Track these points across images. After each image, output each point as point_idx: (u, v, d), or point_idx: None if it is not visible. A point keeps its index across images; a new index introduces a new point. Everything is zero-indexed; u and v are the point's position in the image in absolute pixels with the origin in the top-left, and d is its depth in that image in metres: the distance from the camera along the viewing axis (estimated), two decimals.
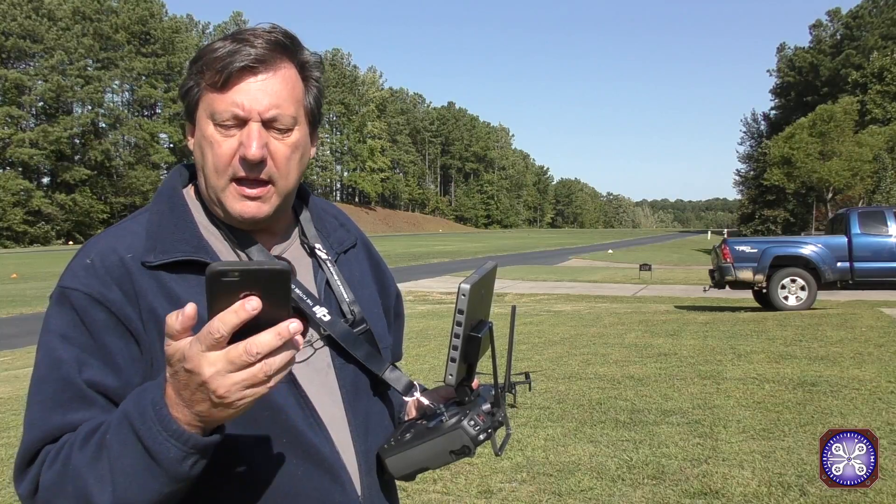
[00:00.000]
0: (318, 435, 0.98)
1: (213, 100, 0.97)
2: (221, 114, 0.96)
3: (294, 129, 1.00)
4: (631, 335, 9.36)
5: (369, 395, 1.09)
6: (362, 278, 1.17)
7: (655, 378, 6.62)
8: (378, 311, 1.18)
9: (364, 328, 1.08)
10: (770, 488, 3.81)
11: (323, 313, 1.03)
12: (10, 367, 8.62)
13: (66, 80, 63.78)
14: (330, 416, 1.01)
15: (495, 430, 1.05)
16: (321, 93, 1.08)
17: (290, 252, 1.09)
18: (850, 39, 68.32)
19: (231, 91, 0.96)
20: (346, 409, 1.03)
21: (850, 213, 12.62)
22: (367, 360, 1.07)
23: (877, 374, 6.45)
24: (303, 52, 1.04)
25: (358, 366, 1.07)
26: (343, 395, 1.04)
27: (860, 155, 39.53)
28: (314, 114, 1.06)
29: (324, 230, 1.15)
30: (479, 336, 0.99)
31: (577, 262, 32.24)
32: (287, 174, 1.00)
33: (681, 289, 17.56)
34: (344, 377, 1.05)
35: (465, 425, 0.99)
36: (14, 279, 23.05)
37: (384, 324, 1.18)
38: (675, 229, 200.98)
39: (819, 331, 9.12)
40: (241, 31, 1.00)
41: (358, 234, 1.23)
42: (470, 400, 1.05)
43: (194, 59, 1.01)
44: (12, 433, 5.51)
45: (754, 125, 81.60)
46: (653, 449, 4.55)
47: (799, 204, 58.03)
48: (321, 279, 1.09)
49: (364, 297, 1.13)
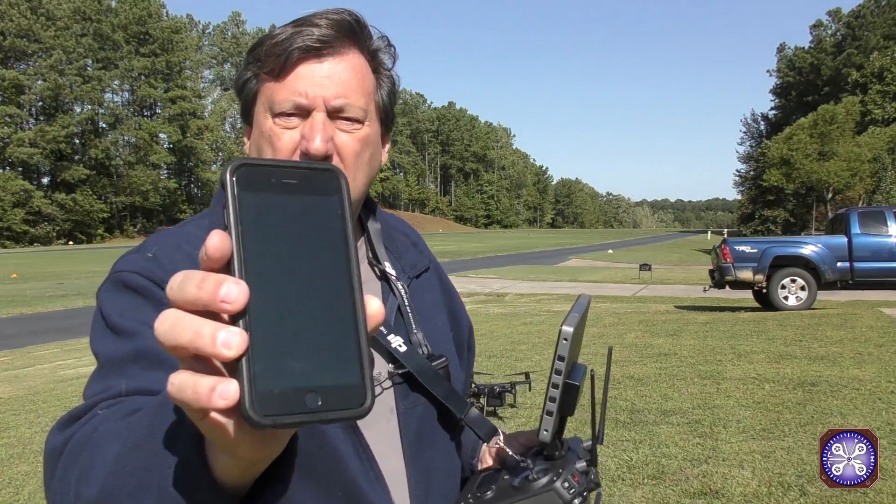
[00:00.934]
0: (376, 491, 0.84)
1: (271, 90, 0.85)
2: (281, 104, 0.84)
3: (364, 124, 0.88)
4: (631, 335, 9.36)
5: (433, 447, 0.93)
6: (435, 307, 1.03)
7: (655, 378, 6.62)
8: (450, 345, 1.03)
9: (443, 363, 0.94)
10: (770, 488, 3.81)
11: (398, 343, 0.90)
12: (10, 367, 8.62)
13: (65, 79, 63.81)
14: (389, 470, 0.87)
15: (590, 493, 0.91)
16: (395, 88, 0.95)
17: None
18: (853, 39, 68.31)
19: (292, 77, 0.84)
20: (406, 463, 0.89)
21: (850, 213, 12.62)
22: (447, 398, 0.93)
23: (877, 374, 6.45)
24: (374, 40, 0.91)
25: (436, 406, 0.93)
26: (404, 447, 0.90)
27: (859, 155, 39.55)
28: (387, 111, 0.94)
29: (395, 250, 1.01)
30: (578, 384, 0.88)
31: (577, 262, 32.23)
32: (355, 175, 0.87)
33: (681, 289, 17.55)
34: (408, 424, 0.90)
35: (558, 487, 0.86)
36: (14, 279, 23.04)
37: (456, 359, 1.03)
38: (676, 229, 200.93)
39: (819, 331, 9.11)
40: (303, 16, 0.87)
41: (430, 256, 1.08)
42: (560, 455, 0.92)
43: (252, 47, 0.90)
44: (12, 433, 5.51)
45: (754, 125, 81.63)
46: (653, 449, 4.55)
47: (799, 204, 58.00)
48: (392, 305, 0.94)
49: (436, 329, 1.00)
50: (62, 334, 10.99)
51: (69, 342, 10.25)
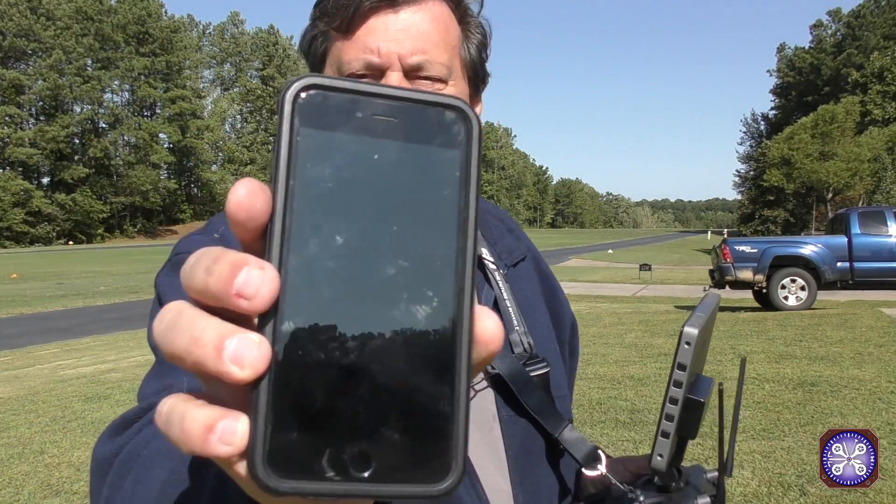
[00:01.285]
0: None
1: (340, 49, 0.75)
2: (350, 64, 0.74)
3: (449, 83, 0.77)
4: (631, 335, 9.36)
5: (542, 462, 0.80)
6: (534, 301, 0.90)
7: (655, 378, 6.62)
8: (553, 346, 0.89)
9: (542, 368, 0.81)
10: (770, 488, 3.82)
11: None
12: (10, 367, 8.62)
13: (64, 79, 63.88)
14: (493, 488, 0.74)
15: None
16: (486, 41, 0.84)
17: None
18: (853, 39, 68.33)
19: (362, 32, 0.74)
20: (512, 481, 0.77)
21: (850, 213, 12.62)
22: (539, 412, 0.79)
23: (877, 374, 6.45)
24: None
25: (529, 419, 0.80)
26: (509, 461, 0.77)
27: (859, 155, 39.57)
28: (476, 68, 0.82)
29: (489, 235, 0.89)
30: (702, 400, 0.71)
31: (577, 262, 32.23)
32: None
33: (681, 289, 17.55)
34: (512, 435, 0.78)
35: None
36: (14, 279, 23.04)
37: (561, 365, 0.89)
38: (676, 229, 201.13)
39: (819, 331, 9.11)
40: None
41: (528, 244, 0.97)
42: (677, 487, 0.75)
43: (318, 1, 0.79)
44: (12, 433, 5.51)
45: (754, 125, 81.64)
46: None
47: (799, 204, 58.01)
48: (487, 297, 0.82)
49: (536, 326, 0.86)
50: (62, 334, 10.99)
51: (69, 342, 10.25)
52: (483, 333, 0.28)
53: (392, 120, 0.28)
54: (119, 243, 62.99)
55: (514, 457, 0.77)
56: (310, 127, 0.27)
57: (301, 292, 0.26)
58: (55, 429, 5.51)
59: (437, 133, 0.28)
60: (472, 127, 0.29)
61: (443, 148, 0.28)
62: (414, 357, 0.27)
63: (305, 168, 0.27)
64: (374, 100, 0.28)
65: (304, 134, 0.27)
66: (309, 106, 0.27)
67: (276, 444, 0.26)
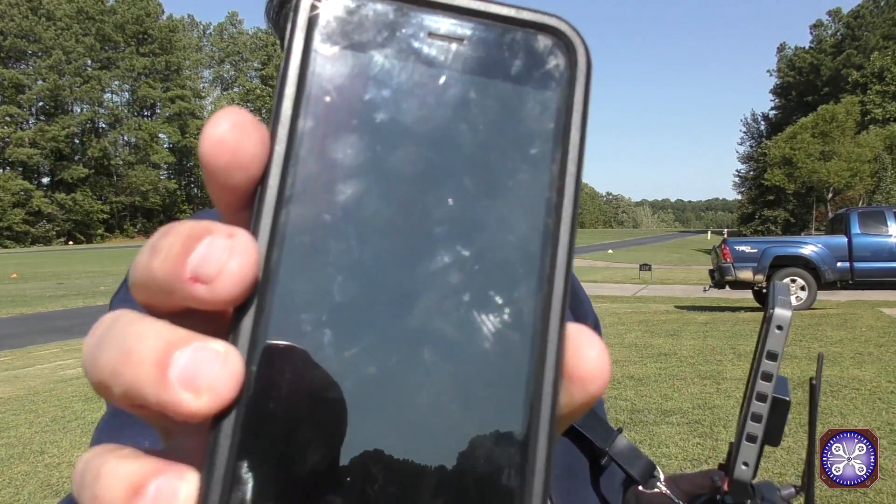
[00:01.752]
0: None
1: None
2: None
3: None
4: (631, 335, 9.36)
5: (586, 483, 0.73)
6: None
7: (655, 378, 6.62)
8: None
9: None
10: None
11: None
12: (10, 367, 8.62)
13: (64, 79, 63.92)
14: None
15: None
16: None
17: None
18: (852, 39, 68.34)
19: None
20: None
21: (850, 213, 12.63)
22: (584, 425, 0.71)
23: (877, 374, 6.45)
24: None
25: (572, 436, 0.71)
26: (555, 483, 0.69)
27: (860, 155, 39.59)
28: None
29: None
30: (788, 399, 0.63)
31: (577, 262, 32.21)
32: None
33: (681, 289, 17.54)
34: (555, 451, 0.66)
35: None
36: (14, 279, 23.05)
37: None
38: (676, 229, 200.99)
39: (819, 331, 9.12)
40: None
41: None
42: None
43: None
44: (12, 433, 5.51)
45: (754, 125, 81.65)
46: (653, 449, 4.55)
47: (799, 204, 58.02)
48: None
49: None
50: (62, 334, 10.98)
51: (69, 342, 10.24)
52: (580, 366, 0.19)
53: (456, 42, 0.19)
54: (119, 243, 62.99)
55: (558, 477, 0.68)
56: (333, 45, 0.19)
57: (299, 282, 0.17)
58: (55, 429, 5.51)
59: (525, 65, 0.19)
60: (577, 59, 0.20)
61: (532, 88, 0.19)
62: (469, 398, 0.17)
63: (321, 103, 0.18)
64: (430, 11, 0.19)
65: (324, 53, 0.18)
66: (333, 15, 0.19)
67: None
